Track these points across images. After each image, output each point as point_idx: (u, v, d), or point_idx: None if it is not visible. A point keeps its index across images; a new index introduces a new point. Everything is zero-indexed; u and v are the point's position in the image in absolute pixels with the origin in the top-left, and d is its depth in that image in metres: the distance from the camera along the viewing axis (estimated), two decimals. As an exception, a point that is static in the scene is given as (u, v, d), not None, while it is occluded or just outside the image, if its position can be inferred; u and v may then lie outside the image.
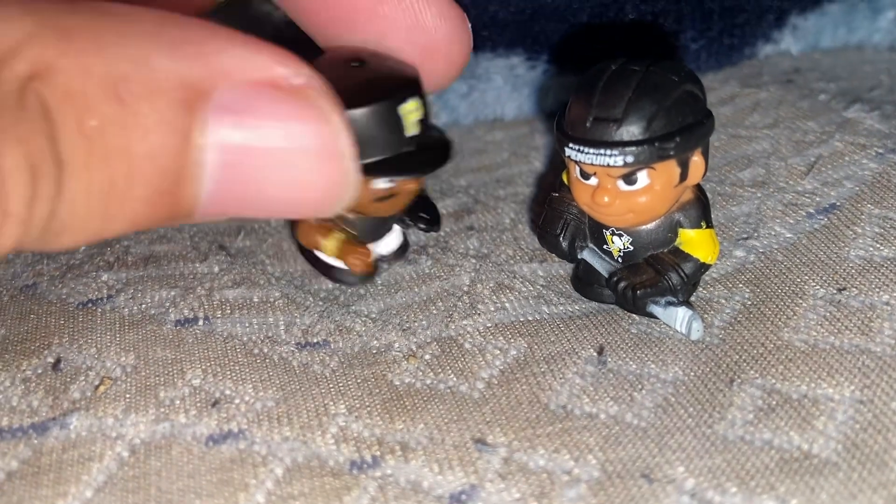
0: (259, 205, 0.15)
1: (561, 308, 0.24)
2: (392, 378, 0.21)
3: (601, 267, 0.23)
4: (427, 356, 0.22)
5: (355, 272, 0.24)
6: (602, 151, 0.20)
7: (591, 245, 0.23)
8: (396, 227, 0.25)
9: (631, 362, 0.21)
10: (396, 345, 0.23)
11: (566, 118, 0.21)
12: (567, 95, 0.22)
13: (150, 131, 0.14)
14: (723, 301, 0.23)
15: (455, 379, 0.21)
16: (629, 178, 0.21)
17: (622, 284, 0.22)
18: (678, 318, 0.21)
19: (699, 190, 0.22)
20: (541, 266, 0.25)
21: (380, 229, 0.25)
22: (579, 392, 0.20)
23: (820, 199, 0.26)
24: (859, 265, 0.23)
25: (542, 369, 0.21)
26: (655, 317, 0.22)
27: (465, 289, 0.25)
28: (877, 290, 0.22)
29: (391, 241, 0.25)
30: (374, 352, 0.23)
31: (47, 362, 0.23)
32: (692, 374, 0.21)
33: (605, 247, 0.23)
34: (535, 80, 0.35)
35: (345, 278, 0.25)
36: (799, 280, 0.23)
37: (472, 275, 0.25)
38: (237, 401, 0.21)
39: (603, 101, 0.20)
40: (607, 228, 0.22)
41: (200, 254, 0.27)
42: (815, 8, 0.36)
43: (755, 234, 0.25)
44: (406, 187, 0.23)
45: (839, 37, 0.37)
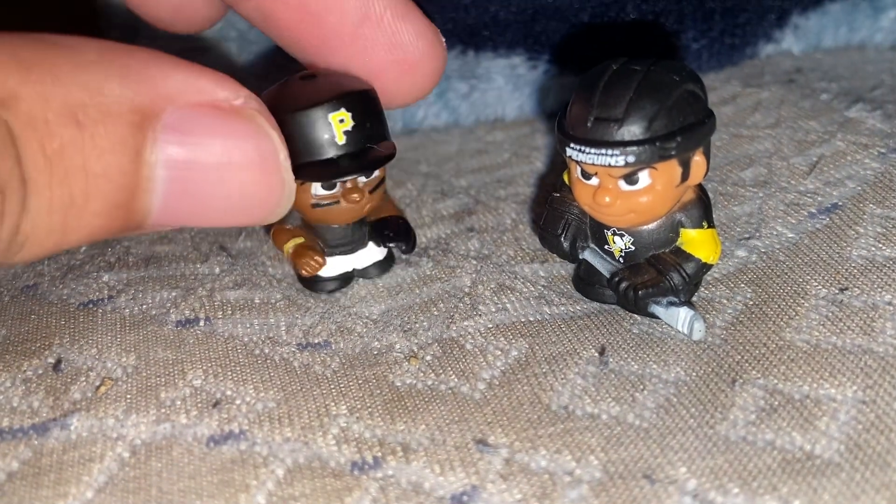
0: (206, 214, 0.17)
1: (562, 308, 0.24)
2: (393, 379, 0.21)
3: (602, 267, 0.23)
4: (428, 357, 0.22)
5: (304, 275, 0.24)
6: (603, 151, 0.20)
7: (592, 245, 0.23)
8: (372, 244, 0.25)
9: (633, 363, 0.21)
10: (398, 346, 0.23)
11: (567, 118, 0.21)
12: (568, 95, 0.21)
13: (106, 151, 0.15)
14: (724, 301, 0.23)
15: (456, 380, 0.21)
16: (630, 178, 0.21)
17: (623, 285, 0.22)
18: (680, 318, 0.21)
19: (701, 190, 0.22)
20: (542, 267, 0.25)
21: (350, 241, 0.25)
22: (581, 392, 0.20)
23: (822, 198, 0.26)
24: (861, 265, 0.23)
25: (544, 370, 0.21)
26: (657, 317, 0.22)
27: (467, 290, 0.25)
28: (879, 289, 0.22)
29: (364, 257, 0.25)
30: (376, 353, 0.23)
31: (48, 363, 0.22)
32: (694, 374, 0.20)
33: (606, 247, 0.23)
34: (536, 80, 0.35)
35: (316, 287, 0.25)
36: (801, 280, 0.23)
37: (473, 276, 0.25)
38: (238, 401, 0.21)
39: (604, 101, 0.20)
40: (608, 228, 0.22)
41: (201, 255, 0.27)
42: (816, 7, 0.36)
43: (757, 234, 0.25)
44: (349, 197, 0.23)
45: (841, 36, 0.37)
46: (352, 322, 0.24)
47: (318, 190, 0.23)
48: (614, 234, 0.22)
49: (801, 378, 0.20)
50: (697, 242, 0.22)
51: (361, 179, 0.23)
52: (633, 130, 0.20)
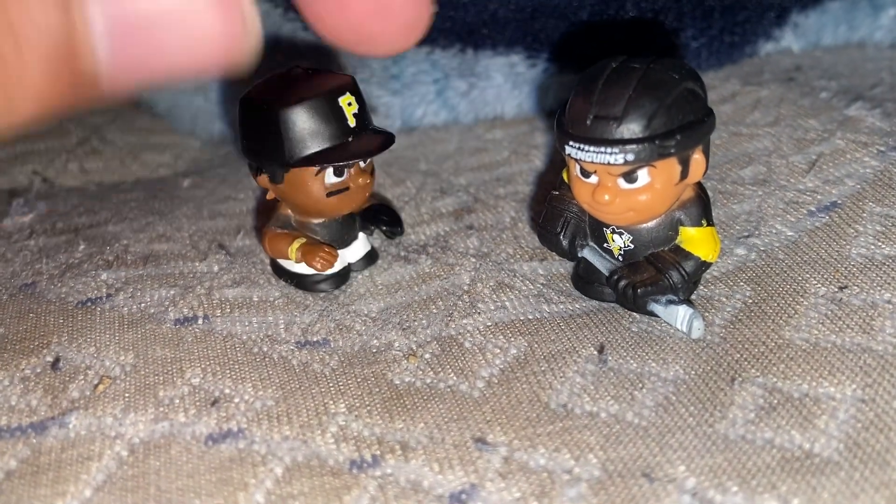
0: (164, 67, 0.16)
1: (561, 307, 0.23)
2: (392, 377, 0.21)
3: (602, 265, 0.23)
4: (427, 355, 0.22)
5: (320, 270, 0.24)
6: (602, 150, 0.20)
7: (591, 243, 0.23)
8: (362, 235, 0.26)
9: (632, 361, 0.21)
10: (396, 344, 0.23)
11: (566, 116, 0.21)
12: (567, 93, 0.21)
13: (30, 5, 0.14)
14: (724, 299, 0.23)
15: (455, 378, 0.21)
16: (630, 177, 0.21)
17: (623, 283, 0.22)
18: (679, 316, 0.21)
19: (700, 188, 0.22)
20: (541, 265, 0.25)
21: (345, 235, 0.25)
22: (580, 391, 0.20)
23: (821, 197, 0.26)
24: (861, 263, 0.23)
25: (543, 368, 0.21)
26: (656, 315, 0.22)
27: (466, 288, 0.25)
28: (878, 288, 0.22)
29: (358, 249, 0.26)
30: (374, 351, 0.22)
31: (46, 361, 0.22)
32: (693, 372, 0.20)
33: (605, 245, 0.23)
34: (535, 78, 0.35)
35: (316, 287, 0.25)
36: (800, 278, 0.23)
37: (473, 274, 0.25)
38: (237, 400, 0.21)
39: (603, 99, 0.20)
40: (608, 226, 0.22)
41: (200, 253, 0.27)
42: (816, 5, 0.36)
43: (756, 233, 0.25)
44: (357, 181, 0.24)
45: (840, 34, 0.37)
46: (350, 320, 0.24)
47: (331, 178, 0.23)
48: (613, 231, 0.22)
49: (801, 376, 0.20)
50: (697, 240, 0.22)
51: (361, 163, 0.24)
52: (632, 129, 0.20)
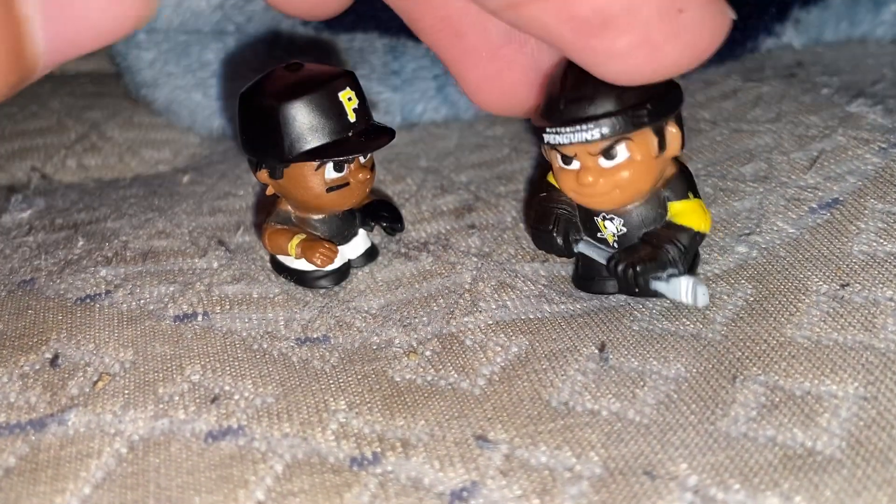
0: (91, 37, 0.17)
1: (563, 306, 0.23)
2: (392, 374, 0.21)
3: (599, 256, 0.23)
4: (428, 352, 0.22)
5: (320, 266, 0.24)
6: (577, 128, 0.20)
7: (585, 237, 0.23)
8: (362, 231, 0.26)
9: (633, 359, 0.21)
10: (397, 341, 0.23)
11: (541, 110, 0.22)
12: None
13: None
14: (725, 297, 0.23)
15: (456, 375, 0.21)
16: (609, 153, 0.21)
17: (622, 265, 0.22)
18: (682, 287, 0.21)
19: (681, 164, 0.22)
20: (542, 266, 0.25)
21: (345, 231, 0.25)
22: (581, 389, 0.20)
23: (823, 193, 0.26)
24: (862, 261, 0.23)
25: (544, 366, 0.21)
26: (660, 294, 0.22)
27: (467, 286, 0.25)
28: (880, 285, 0.22)
29: (358, 245, 0.26)
30: (375, 348, 0.22)
31: (45, 358, 0.22)
32: (694, 370, 0.20)
33: (599, 235, 0.23)
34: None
35: (316, 283, 0.25)
36: (802, 276, 0.23)
37: (474, 273, 0.25)
38: (236, 397, 0.21)
39: (573, 85, 0.21)
40: (598, 214, 0.22)
41: (199, 249, 0.27)
42: (817, 1, 0.36)
43: (757, 230, 0.25)
44: (357, 177, 0.24)
45: (842, 30, 0.37)
46: (351, 316, 0.24)
47: (331, 173, 0.23)
48: (604, 219, 0.22)
49: (802, 374, 0.20)
50: (686, 212, 0.22)
51: (361, 159, 0.24)
52: (604, 105, 0.20)
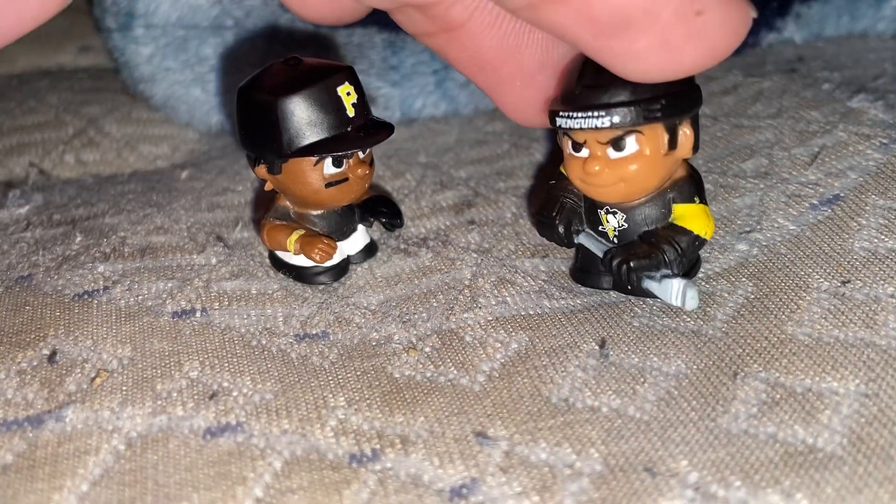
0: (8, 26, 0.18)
1: (563, 302, 0.23)
2: (392, 370, 0.21)
3: (597, 249, 0.23)
4: (427, 349, 0.22)
5: (319, 262, 0.24)
6: (589, 114, 0.20)
7: (587, 229, 0.23)
8: (361, 227, 0.26)
9: (633, 355, 0.21)
10: (396, 337, 0.22)
11: (558, 95, 0.22)
12: None
13: None
14: (726, 294, 0.23)
15: (455, 372, 0.21)
16: (618, 144, 0.21)
17: (616, 260, 0.22)
18: (672, 289, 0.21)
19: (692, 168, 0.22)
20: (542, 261, 0.25)
21: (344, 227, 0.25)
22: (581, 385, 0.20)
23: (824, 190, 0.26)
24: (864, 257, 0.23)
25: (544, 362, 0.21)
26: (652, 295, 0.22)
27: (467, 282, 0.24)
28: (881, 282, 0.22)
29: (357, 241, 0.26)
30: (374, 344, 0.22)
31: (43, 354, 0.22)
32: (695, 367, 0.20)
33: (600, 227, 0.23)
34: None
35: (315, 279, 0.25)
36: (802, 273, 0.23)
37: (474, 269, 0.25)
38: (235, 393, 0.21)
39: (591, 73, 0.21)
40: (601, 207, 0.22)
41: (198, 245, 0.27)
42: (818, -4, 0.36)
43: (758, 227, 0.25)
44: (356, 172, 0.23)
45: (843, 25, 0.37)
46: (350, 312, 0.24)
47: (330, 168, 0.23)
48: (607, 212, 0.22)
49: (803, 371, 0.20)
50: (690, 216, 0.22)
51: (360, 154, 0.24)
52: (618, 95, 0.20)
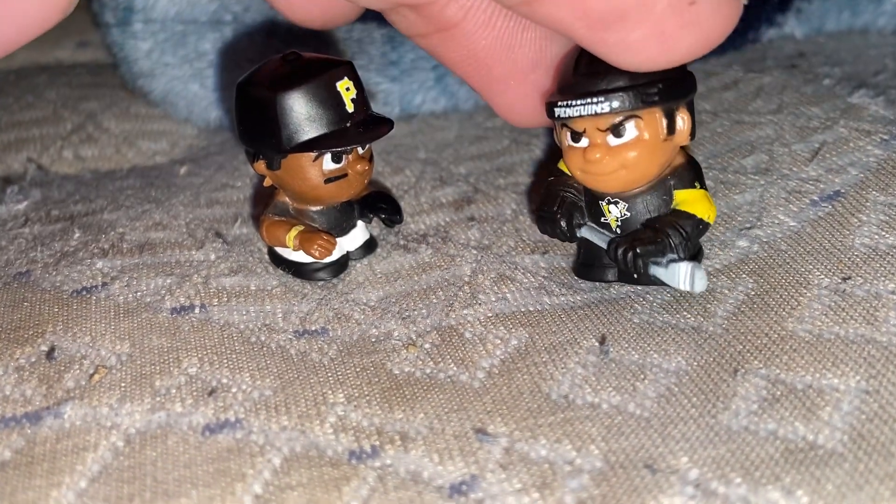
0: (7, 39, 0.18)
1: (563, 299, 0.23)
2: (391, 367, 0.21)
3: (600, 240, 0.23)
4: (427, 345, 0.22)
5: (318, 258, 0.24)
6: (587, 100, 0.21)
7: (589, 222, 0.23)
8: (360, 223, 0.26)
9: (633, 352, 0.21)
10: (396, 333, 0.22)
11: (555, 90, 0.22)
12: None
13: None
14: (726, 291, 0.23)
15: (455, 368, 0.21)
16: (617, 130, 0.21)
17: (622, 248, 0.22)
18: (680, 273, 0.21)
19: (690, 156, 0.22)
20: (543, 258, 0.25)
21: (343, 223, 0.25)
22: (581, 382, 0.20)
23: (824, 186, 0.26)
24: (864, 253, 0.23)
25: (544, 359, 0.21)
26: (659, 282, 0.22)
27: (466, 279, 0.24)
28: (882, 278, 0.22)
29: (357, 237, 0.25)
30: (373, 340, 0.22)
31: (41, 351, 0.22)
32: (695, 363, 0.20)
33: (602, 219, 0.23)
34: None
35: (314, 275, 0.25)
36: (803, 269, 0.23)
37: (474, 265, 0.25)
38: (234, 390, 0.21)
39: (589, 62, 0.21)
40: (603, 198, 0.22)
41: (197, 241, 0.27)
42: (819, -8, 0.36)
43: (759, 223, 0.25)
44: (355, 168, 0.23)
45: (844, 20, 0.37)
46: (349, 309, 0.24)
47: (329, 164, 0.23)
48: (609, 202, 0.22)
49: (804, 368, 0.20)
50: (692, 200, 0.22)
51: (359, 150, 0.24)
52: (616, 81, 0.21)
